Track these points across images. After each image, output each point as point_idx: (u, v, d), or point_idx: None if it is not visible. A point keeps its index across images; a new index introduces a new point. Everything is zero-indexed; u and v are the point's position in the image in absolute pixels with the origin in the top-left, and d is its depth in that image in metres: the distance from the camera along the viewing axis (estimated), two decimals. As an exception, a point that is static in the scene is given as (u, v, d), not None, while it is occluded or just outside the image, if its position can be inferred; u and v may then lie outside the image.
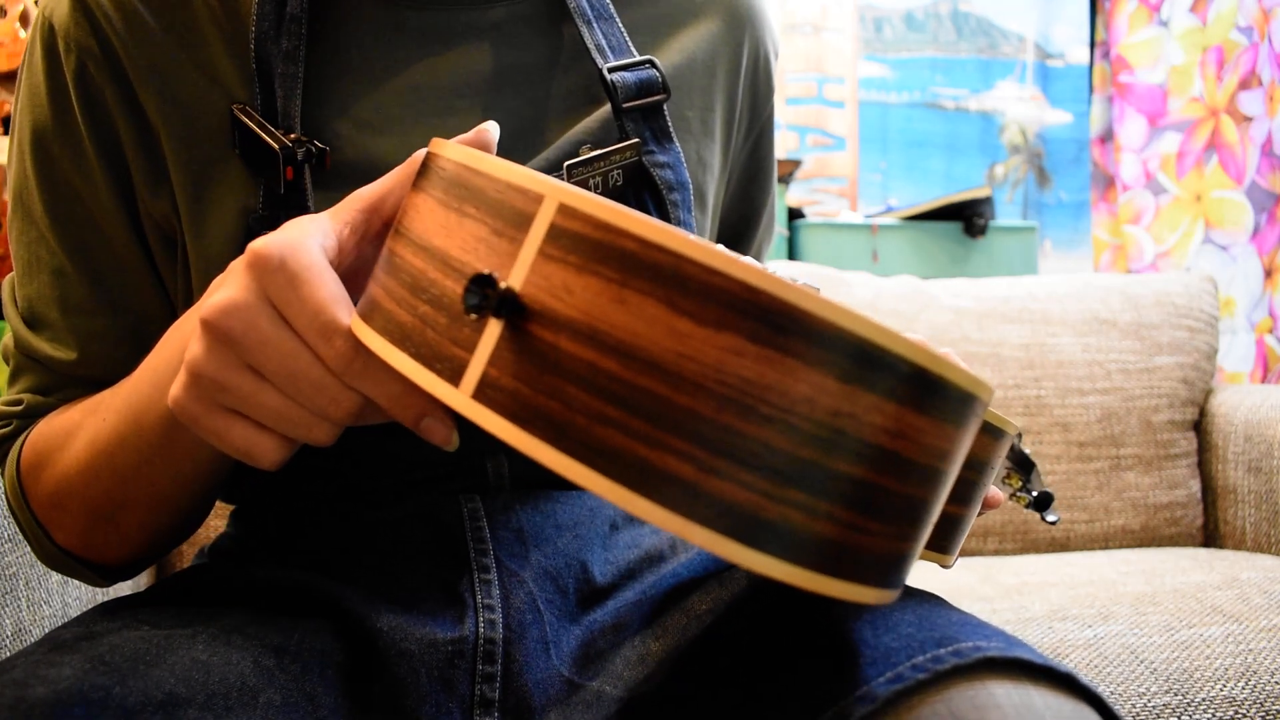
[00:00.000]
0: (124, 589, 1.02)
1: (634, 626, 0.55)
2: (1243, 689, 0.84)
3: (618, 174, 0.58)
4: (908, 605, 0.48)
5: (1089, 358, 1.43)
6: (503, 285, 0.32)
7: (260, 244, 0.40)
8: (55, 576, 0.92)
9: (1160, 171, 2.13)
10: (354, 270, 0.44)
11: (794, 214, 2.23)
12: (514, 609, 0.55)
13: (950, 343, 1.43)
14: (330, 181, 0.55)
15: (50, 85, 0.56)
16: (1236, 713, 0.83)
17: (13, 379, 0.61)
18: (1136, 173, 2.19)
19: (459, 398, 0.33)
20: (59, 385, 0.59)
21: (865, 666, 0.42)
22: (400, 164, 0.45)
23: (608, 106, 0.61)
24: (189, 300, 0.59)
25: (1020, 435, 0.71)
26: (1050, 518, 0.68)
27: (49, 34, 0.56)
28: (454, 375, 0.33)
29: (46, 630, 0.74)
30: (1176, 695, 0.84)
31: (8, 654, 0.72)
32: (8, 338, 0.61)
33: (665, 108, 0.62)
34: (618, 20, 0.63)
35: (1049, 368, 1.42)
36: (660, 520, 0.30)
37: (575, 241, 0.31)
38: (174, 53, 0.56)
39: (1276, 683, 0.85)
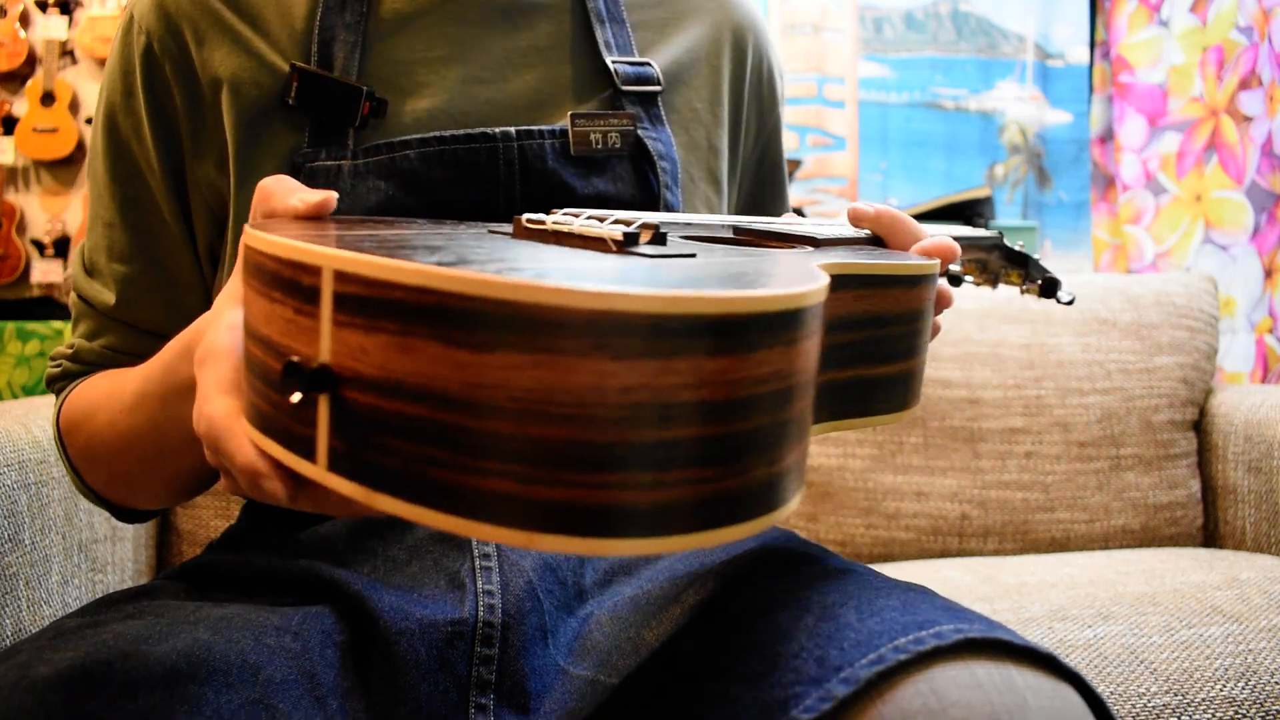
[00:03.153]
0: (126, 581, 1.02)
1: (629, 619, 0.56)
2: (1243, 689, 0.84)
3: (616, 137, 0.67)
4: (895, 593, 0.49)
5: (1089, 358, 1.43)
6: (314, 364, 0.34)
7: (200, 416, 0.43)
8: (55, 576, 0.92)
9: (1160, 171, 2.13)
10: None
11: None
12: (513, 595, 0.56)
13: (950, 343, 1.43)
14: (366, 134, 0.65)
15: (123, 65, 0.68)
16: (1236, 713, 0.83)
17: (74, 327, 0.72)
18: (1136, 173, 2.19)
19: (320, 473, 0.34)
20: (102, 330, 0.70)
21: (849, 649, 0.43)
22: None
23: (605, 85, 0.70)
24: (212, 254, 0.68)
25: (1001, 234, 0.74)
26: (1064, 298, 0.71)
27: (129, 22, 0.68)
28: (310, 453, 0.35)
29: (46, 630, 0.74)
30: (1176, 695, 0.84)
31: (8, 654, 0.73)
32: (72, 294, 0.72)
33: (660, 100, 0.71)
34: (628, 24, 0.73)
35: (1049, 368, 1.42)
36: (509, 539, 0.31)
37: (357, 304, 0.33)
38: (232, 26, 0.66)
39: (1276, 683, 0.85)
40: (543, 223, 0.46)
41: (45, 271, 2.37)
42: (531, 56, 0.70)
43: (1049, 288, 0.71)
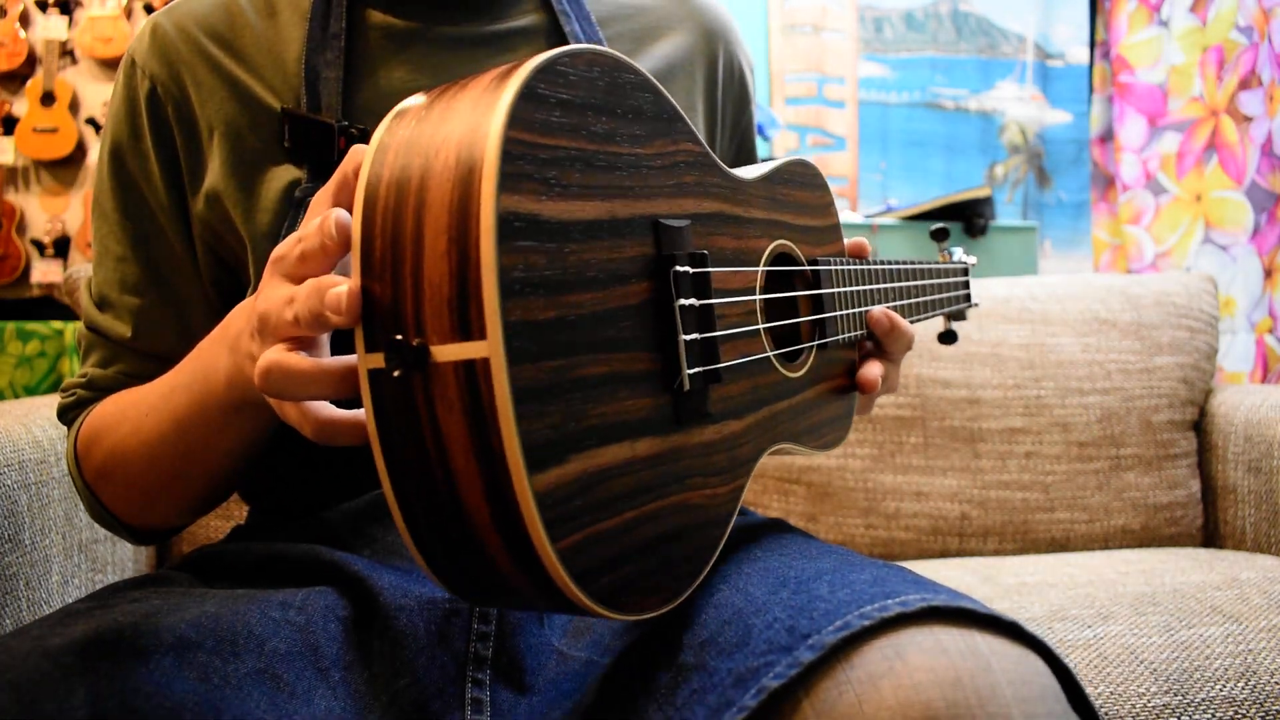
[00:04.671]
0: (128, 572, 1.02)
1: None
2: (1242, 689, 0.84)
3: None
4: (867, 569, 0.51)
5: (1089, 358, 1.43)
6: (415, 343, 0.39)
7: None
8: (55, 576, 0.92)
9: (1160, 171, 2.13)
10: None
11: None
12: None
13: (950, 343, 1.43)
14: None
15: (128, 107, 0.71)
16: (1236, 713, 0.83)
17: (84, 357, 0.73)
18: (1136, 173, 2.19)
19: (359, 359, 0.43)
20: (116, 358, 0.71)
21: (818, 618, 0.45)
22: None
23: None
24: (215, 283, 0.71)
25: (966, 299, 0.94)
26: (946, 340, 0.89)
27: (131, 65, 0.71)
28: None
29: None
30: (1176, 695, 0.84)
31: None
32: (80, 325, 0.74)
33: None
34: (605, 44, 0.74)
35: (1049, 368, 1.42)
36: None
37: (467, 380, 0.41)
38: (229, 72, 0.69)
39: (1276, 683, 0.85)
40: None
41: (45, 271, 2.37)
42: None
43: (945, 337, 0.89)
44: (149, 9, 2.40)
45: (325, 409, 0.46)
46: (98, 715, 0.42)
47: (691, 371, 0.46)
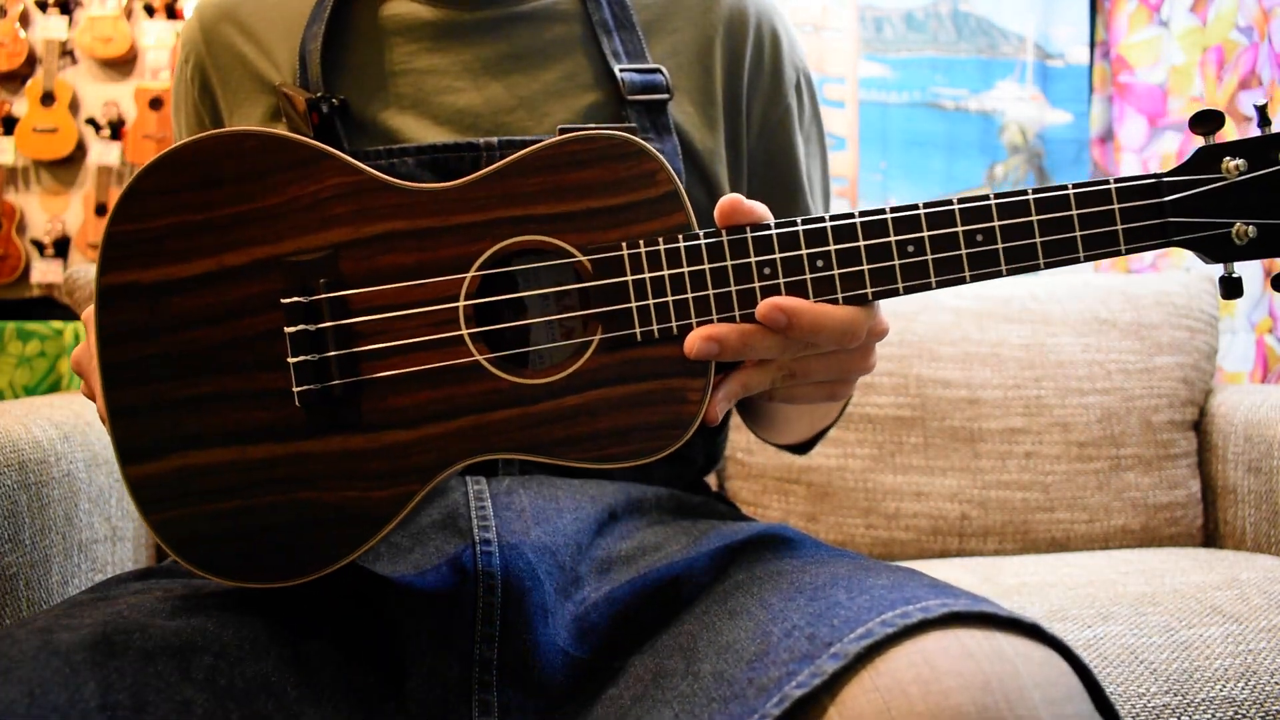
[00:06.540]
0: (127, 567, 1.02)
1: (629, 604, 0.58)
2: (1242, 689, 0.84)
3: None
4: (883, 573, 0.50)
5: (1089, 358, 1.43)
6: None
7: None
8: (55, 576, 0.92)
9: (1160, 171, 2.13)
10: None
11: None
12: (513, 575, 0.58)
13: (950, 342, 1.43)
14: (360, 136, 0.72)
15: (177, 78, 0.80)
16: (1236, 713, 0.83)
17: None
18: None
19: None
20: None
21: (839, 625, 0.45)
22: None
23: (606, 95, 0.71)
24: None
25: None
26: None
27: (181, 44, 0.79)
28: None
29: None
30: (1176, 696, 0.84)
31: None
32: None
33: (669, 108, 0.70)
34: (639, 29, 0.73)
35: (1049, 368, 1.42)
36: None
37: None
38: (240, 53, 0.75)
39: (1276, 683, 0.85)
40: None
41: (45, 271, 2.37)
42: (515, 63, 0.72)
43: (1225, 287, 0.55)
44: (149, 9, 2.40)
45: None
46: (108, 705, 0.42)
47: (300, 389, 0.52)
